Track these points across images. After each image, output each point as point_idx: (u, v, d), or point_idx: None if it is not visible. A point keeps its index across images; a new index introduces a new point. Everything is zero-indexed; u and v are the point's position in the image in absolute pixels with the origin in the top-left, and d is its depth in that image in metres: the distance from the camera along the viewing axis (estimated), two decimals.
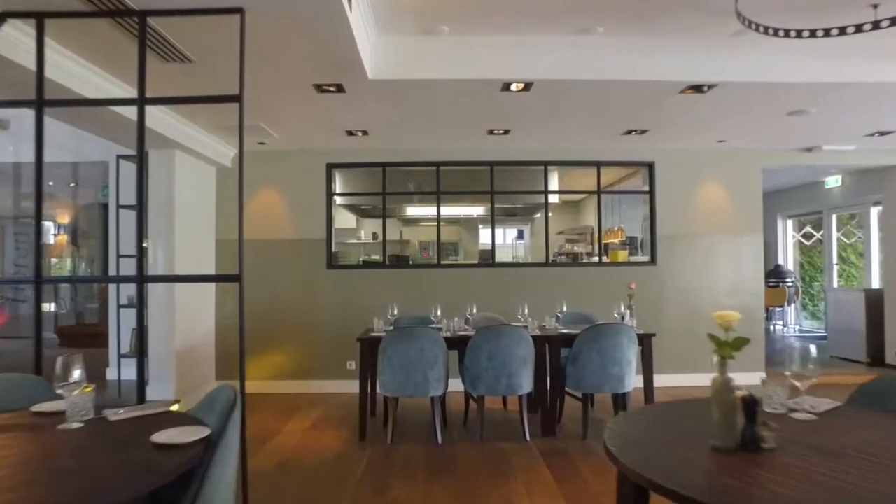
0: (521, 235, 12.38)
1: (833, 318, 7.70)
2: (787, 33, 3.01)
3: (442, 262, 6.33)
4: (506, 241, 11.63)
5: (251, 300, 6.05)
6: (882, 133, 5.50)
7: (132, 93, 3.58)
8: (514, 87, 4.09)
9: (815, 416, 1.95)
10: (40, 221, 3.02)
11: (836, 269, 9.44)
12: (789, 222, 10.75)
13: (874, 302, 7.06)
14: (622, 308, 4.70)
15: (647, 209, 6.41)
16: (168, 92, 4.10)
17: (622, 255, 6.42)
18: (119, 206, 5.20)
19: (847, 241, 9.53)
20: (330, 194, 6.15)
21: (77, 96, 3.57)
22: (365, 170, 6.91)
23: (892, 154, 6.32)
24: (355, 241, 10.70)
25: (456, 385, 4.59)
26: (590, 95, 4.33)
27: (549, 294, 5.99)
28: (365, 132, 5.43)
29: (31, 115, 2.96)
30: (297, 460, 3.97)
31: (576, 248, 9.97)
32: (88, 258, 9.51)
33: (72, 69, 3.51)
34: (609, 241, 9.58)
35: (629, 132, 5.49)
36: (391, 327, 4.78)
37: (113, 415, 2.04)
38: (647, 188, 6.31)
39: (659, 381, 4.66)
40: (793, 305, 10.43)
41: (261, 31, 3.08)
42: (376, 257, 6.75)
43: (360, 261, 6.40)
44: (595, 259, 9.01)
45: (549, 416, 4.38)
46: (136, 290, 2.94)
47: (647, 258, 6.34)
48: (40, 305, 3.03)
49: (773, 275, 9.97)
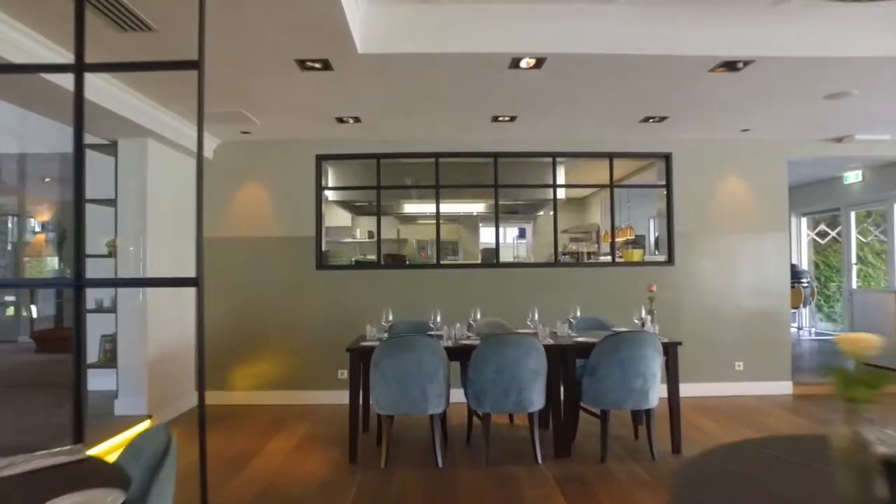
0: (522, 234, 11.90)
1: (860, 321, 7.23)
2: None
3: (441, 262, 5.84)
4: (506, 240, 11.15)
5: (234, 304, 5.58)
6: None
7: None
8: (524, 64, 3.61)
9: None
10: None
11: (855, 268, 9.00)
12: (804, 220, 10.29)
13: None
14: (643, 313, 4.22)
15: (659, 205, 5.94)
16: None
17: (637, 255, 5.94)
18: (85, 201, 4.70)
19: (863, 240, 9.09)
20: (320, 188, 5.67)
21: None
22: (359, 163, 6.43)
23: None
24: (350, 240, 10.22)
25: (457, 395, 4.11)
26: (609, 73, 3.85)
27: (558, 297, 5.52)
28: (357, 119, 4.94)
29: None
30: (279, 488, 3.48)
31: (581, 247, 9.55)
32: (70, 259, 9.00)
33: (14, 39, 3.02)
34: (616, 240, 9.14)
35: (647, 119, 5.01)
36: (385, 335, 4.30)
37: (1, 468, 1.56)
38: (661, 182, 5.84)
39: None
40: (808, 307, 9.98)
41: None
42: (371, 257, 6.27)
43: (353, 261, 5.90)
44: (606, 259, 8.61)
45: (562, 434, 3.90)
46: (75, 295, 2.45)
47: (662, 257, 5.87)
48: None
49: None
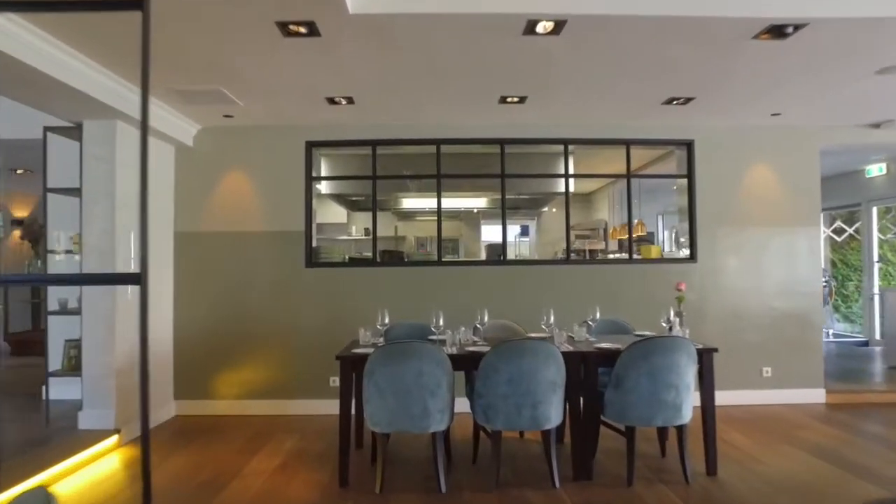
0: (525, 232, 11.42)
1: (891, 322, 6.76)
2: None
3: (443, 260, 5.36)
4: (508, 238, 10.69)
5: (216, 305, 5.10)
6: None
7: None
8: (540, 29, 3.13)
9: None
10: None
11: (877, 267, 8.55)
12: (821, 216, 9.82)
13: None
14: (671, 314, 3.75)
15: (678, 200, 5.47)
16: (77, 35, 3.17)
17: (655, 251, 5.47)
18: (46, 190, 4.24)
19: (882, 238, 8.65)
20: (310, 178, 5.18)
21: None
22: (355, 155, 5.96)
23: None
24: (346, 237, 9.75)
25: (461, 404, 3.63)
26: (635, 42, 3.37)
27: (571, 296, 5.05)
28: (350, 100, 4.46)
29: None
30: None
31: (587, 244, 9.11)
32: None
33: None
34: (625, 237, 8.68)
35: (670, 101, 4.53)
36: (381, 339, 3.82)
37: None
38: (682, 172, 5.36)
39: (699, 399, 3.62)
40: (826, 307, 9.52)
41: None
42: (368, 255, 5.78)
43: (346, 258, 5.41)
44: (615, 256, 8.15)
45: (582, 453, 3.43)
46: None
47: (681, 254, 5.39)
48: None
49: None
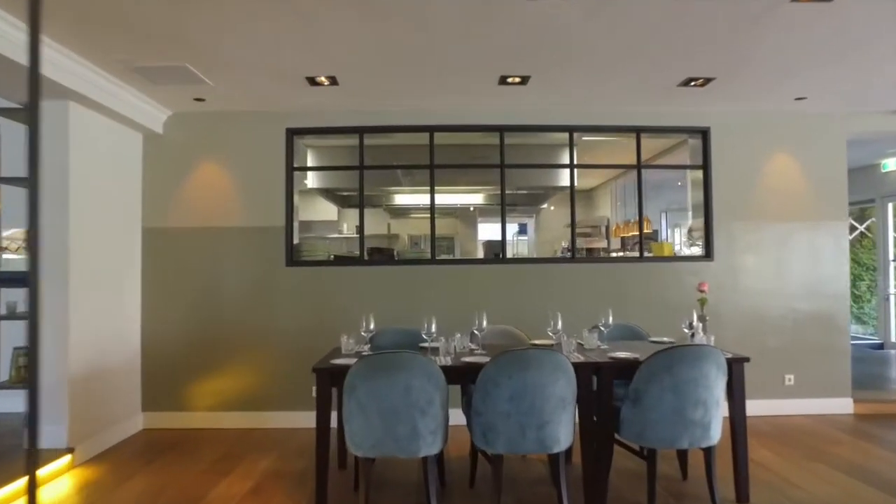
0: (523, 231, 11.00)
1: None
2: None
3: (438, 258, 4.91)
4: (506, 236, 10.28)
5: (187, 307, 4.65)
6: None
7: None
8: None
9: None
10: None
11: (892, 266, 8.15)
12: (847, 210, 9.39)
13: None
14: (694, 319, 3.32)
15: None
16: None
17: (668, 248, 5.05)
18: None
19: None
20: (291, 169, 4.73)
21: None
22: (343, 147, 5.50)
23: None
24: (337, 235, 9.31)
25: (456, 416, 3.19)
26: (658, 7, 2.95)
27: (578, 298, 4.63)
28: (333, 80, 4.01)
29: None
30: None
31: (588, 243, 8.72)
32: None
33: None
34: (628, 235, 8.27)
35: (687, 82, 4.11)
36: (366, 347, 3.38)
37: None
38: (697, 163, 4.94)
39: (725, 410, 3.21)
40: None
41: None
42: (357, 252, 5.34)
43: (331, 256, 4.96)
44: (618, 254, 7.73)
45: (595, 477, 2.99)
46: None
47: (692, 251, 4.98)
48: None
49: None
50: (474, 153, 5.41)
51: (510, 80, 4.02)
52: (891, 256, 8.14)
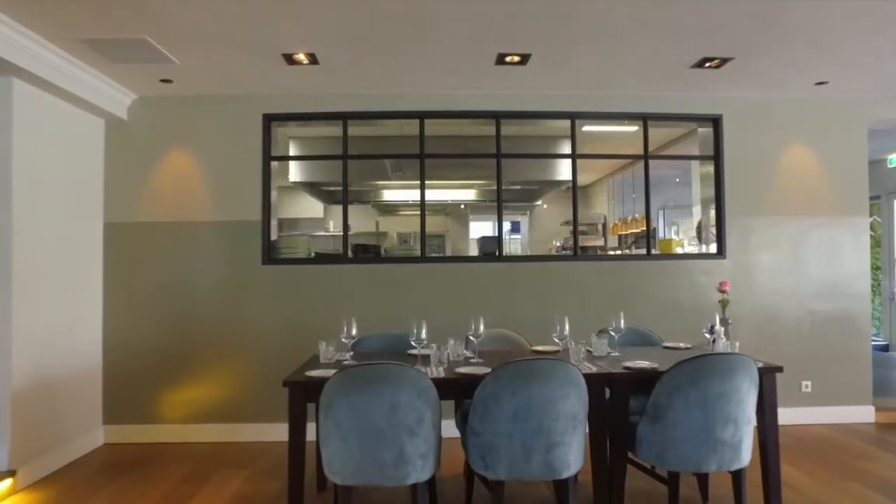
0: (516, 229, 10.65)
1: None
2: None
3: (428, 256, 4.52)
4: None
5: (154, 310, 4.23)
6: None
7: None
8: None
9: None
10: None
11: None
12: (868, 205, 9.11)
13: None
14: (716, 322, 2.96)
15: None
16: None
17: (675, 245, 4.69)
18: None
19: None
20: (268, 158, 4.32)
21: None
22: (329, 138, 5.10)
23: None
24: (323, 233, 8.93)
25: (448, 428, 2.80)
26: None
27: (581, 299, 4.27)
28: (313, 58, 3.61)
29: None
30: None
31: (585, 241, 8.41)
32: None
33: None
34: (626, 233, 7.94)
35: (702, 63, 3.75)
36: (348, 355, 2.99)
37: None
38: (705, 153, 4.59)
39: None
40: None
41: None
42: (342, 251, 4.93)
43: (312, 253, 4.56)
44: (615, 251, 7.39)
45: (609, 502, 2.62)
46: None
47: (701, 248, 4.64)
48: None
49: None
50: (467, 145, 5.04)
51: (509, 58, 3.64)
52: None
